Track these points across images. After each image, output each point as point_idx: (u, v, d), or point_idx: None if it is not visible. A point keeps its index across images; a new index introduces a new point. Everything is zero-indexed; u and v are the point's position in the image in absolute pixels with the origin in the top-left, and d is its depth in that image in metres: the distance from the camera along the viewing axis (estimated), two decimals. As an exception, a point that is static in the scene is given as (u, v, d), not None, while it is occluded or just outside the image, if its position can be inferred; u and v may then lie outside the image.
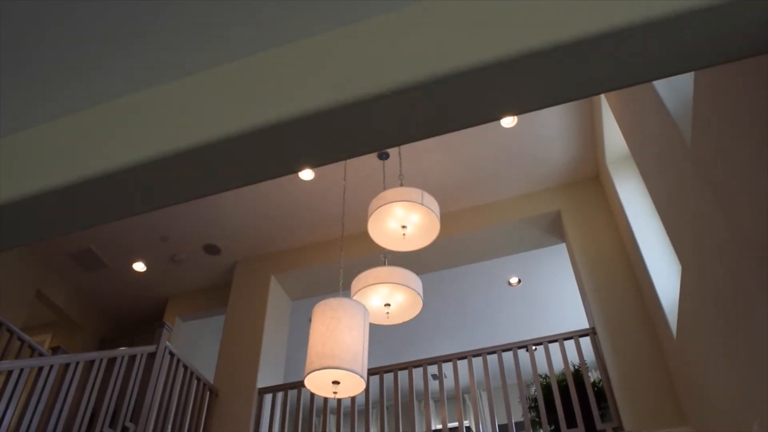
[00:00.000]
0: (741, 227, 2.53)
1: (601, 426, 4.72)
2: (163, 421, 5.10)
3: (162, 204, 1.81)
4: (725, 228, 2.73)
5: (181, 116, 1.70)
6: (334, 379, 3.34)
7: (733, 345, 3.03)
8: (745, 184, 2.36)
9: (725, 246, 2.79)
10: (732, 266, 2.77)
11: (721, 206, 2.73)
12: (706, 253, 3.10)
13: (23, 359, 4.12)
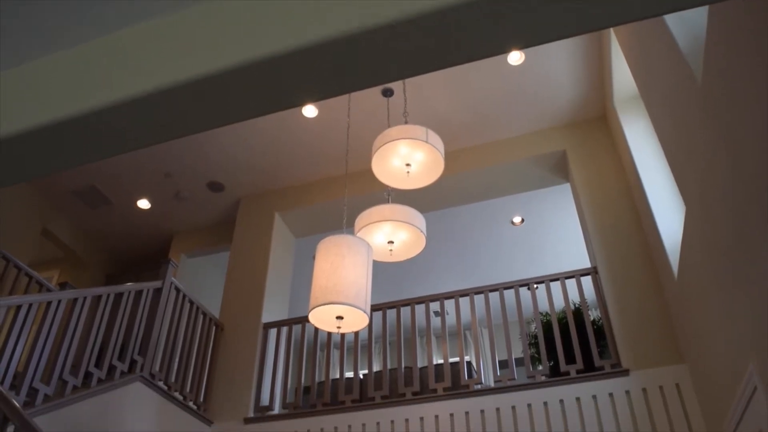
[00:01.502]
0: (747, 170, 2.52)
1: (600, 363, 4.81)
2: (171, 355, 5.22)
3: (166, 137, 1.80)
4: (732, 170, 2.71)
5: (183, 47, 1.67)
6: (338, 315, 3.39)
7: (732, 287, 3.06)
8: (755, 126, 2.33)
9: (731, 188, 2.78)
10: (736, 209, 2.76)
11: (728, 148, 2.70)
12: (712, 194, 3.09)
13: (32, 294, 4.19)
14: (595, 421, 4.55)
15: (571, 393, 4.71)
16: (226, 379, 5.77)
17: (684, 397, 4.44)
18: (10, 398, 3.20)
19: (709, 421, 4.16)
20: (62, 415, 4.02)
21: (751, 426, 3.15)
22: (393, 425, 5.01)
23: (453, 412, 4.92)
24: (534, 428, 4.65)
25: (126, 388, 4.63)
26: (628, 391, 4.59)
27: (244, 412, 5.51)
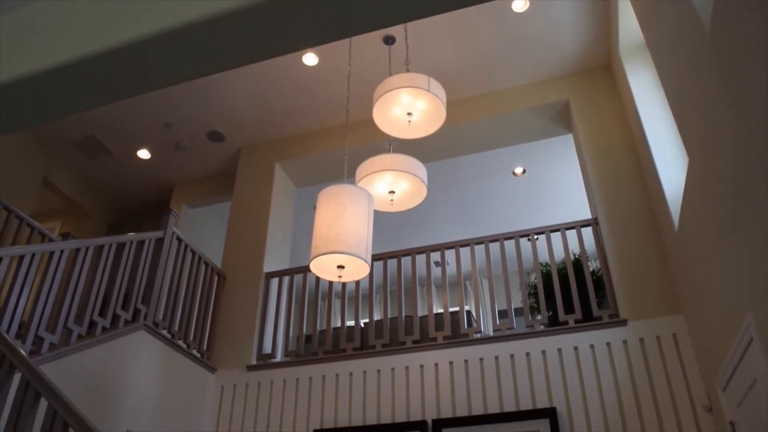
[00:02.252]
0: (752, 120, 2.49)
1: (598, 313, 4.86)
2: (174, 304, 5.27)
3: (166, 82, 1.77)
4: (737, 120, 2.68)
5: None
6: (339, 264, 3.40)
7: (733, 239, 3.06)
8: (761, 75, 2.29)
9: (735, 139, 2.75)
10: (740, 160, 2.74)
11: (734, 97, 2.66)
12: (716, 145, 3.06)
13: (34, 245, 4.20)
14: (593, 369, 4.62)
15: (569, 342, 4.77)
16: (228, 327, 5.85)
17: (680, 347, 4.50)
18: (16, 347, 3.24)
19: (704, 372, 4.22)
20: (68, 363, 4.09)
21: (745, 376, 3.20)
22: (393, 372, 5.09)
23: (452, 360, 4.99)
24: (532, 376, 4.73)
25: (130, 337, 4.70)
26: (625, 341, 4.65)
27: (246, 359, 5.60)
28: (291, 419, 5.17)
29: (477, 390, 4.82)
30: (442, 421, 4.70)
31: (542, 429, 4.47)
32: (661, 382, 4.43)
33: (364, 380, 5.15)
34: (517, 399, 4.69)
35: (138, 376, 4.69)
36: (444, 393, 4.88)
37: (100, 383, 4.33)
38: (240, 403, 5.39)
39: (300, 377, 5.33)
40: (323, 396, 5.19)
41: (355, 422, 4.98)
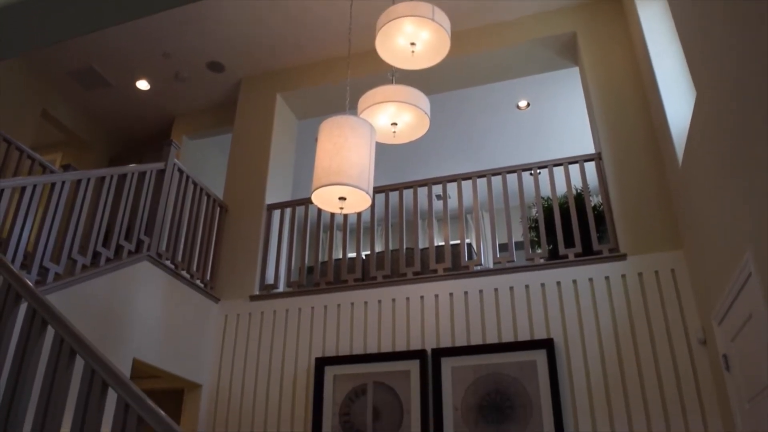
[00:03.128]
0: (764, 55, 2.42)
1: (598, 247, 4.89)
2: (176, 236, 5.30)
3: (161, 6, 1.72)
4: (749, 53, 2.61)
5: None
6: (341, 195, 3.39)
7: (737, 174, 3.04)
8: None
9: (745, 73, 2.69)
10: (748, 95, 2.69)
11: (746, 30, 2.59)
12: (725, 80, 3.00)
13: (35, 176, 4.18)
14: (590, 303, 4.68)
15: (568, 275, 4.82)
16: (231, 258, 5.90)
17: (678, 282, 4.54)
18: (22, 276, 3.27)
19: (700, 306, 4.28)
20: (73, 293, 4.14)
21: (741, 311, 3.24)
22: (394, 303, 5.17)
23: (452, 291, 5.06)
24: (530, 308, 4.80)
25: (134, 267, 4.75)
26: (624, 275, 4.70)
27: (249, 290, 5.67)
28: (293, 348, 5.28)
29: (476, 321, 4.90)
30: (441, 351, 4.80)
31: (539, 359, 4.57)
32: (658, 316, 4.50)
33: (365, 310, 5.23)
34: (516, 330, 4.77)
35: (143, 306, 4.76)
36: (443, 323, 4.97)
37: (105, 313, 4.40)
38: (243, 332, 5.50)
39: (302, 307, 5.42)
40: (325, 325, 5.28)
41: (356, 351, 5.09)
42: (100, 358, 2.91)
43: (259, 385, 5.24)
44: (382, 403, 4.79)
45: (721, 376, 3.86)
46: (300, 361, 5.21)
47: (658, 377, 4.33)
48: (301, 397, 5.08)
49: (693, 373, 4.27)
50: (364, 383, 4.90)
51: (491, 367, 4.65)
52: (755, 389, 3.19)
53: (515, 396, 4.51)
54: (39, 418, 2.92)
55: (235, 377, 5.34)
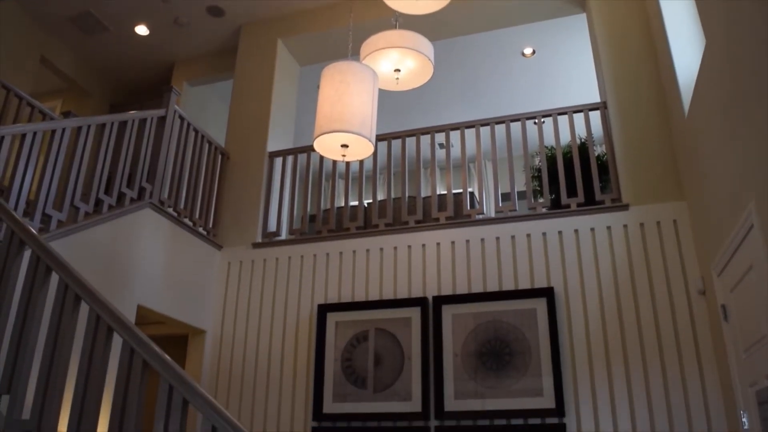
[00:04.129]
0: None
1: (601, 197, 4.88)
2: (178, 183, 5.29)
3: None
4: (762, 1, 2.55)
5: None
6: (343, 143, 3.37)
7: (743, 125, 3.00)
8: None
9: (757, 22, 2.63)
10: (760, 44, 2.63)
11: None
12: (736, 28, 2.93)
13: (36, 123, 4.14)
14: (591, 252, 4.70)
15: (570, 225, 4.82)
16: (233, 206, 5.91)
17: (680, 233, 4.55)
18: (25, 224, 3.28)
19: (701, 257, 4.29)
20: (76, 240, 4.16)
21: (742, 262, 3.25)
22: (395, 251, 5.19)
23: (454, 240, 5.07)
24: (531, 257, 4.82)
25: (136, 214, 4.76)
26: (626, 225, 4.70)
27: (252, 237, 5.70)
28: (296, 295, 5.33)
29: (477, 269, 4.93)
30: (442, 298, 4.85)
31: (539, 308, 4.62)
32: (658, 266, 4.52)
33: (367, 258, 5.26)
34: (516, 278, 4.81)
35: (146, 253, 4.79)
36: (445, 271, 5.00)
37: (109, 260, 4.43)
38: (246, 279, 5.55)
39: (304, 255, 5.45)
40: (327, 273, 5.32)
41: (357, 298, 5.14)
42: (105, 304, 2.94)
43: (262, 332, 5.31)
44: (383, 349, 4.86)
45: (719, 327, 3.90)
46: (302, 308, 5.27)
47: (656, 327, 4.38)
48: (303, 344, 5.16)
49: (691, 323, 4.32)
50: (365, 330, 4.97)
51: (491, 315, 4.70)
52: (752, 339, 3.22)
53: (514, 343, 4.57)
54: (46, 364, 2.97)
55: (238, 323, 5.41)
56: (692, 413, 4.13)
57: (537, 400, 4.39)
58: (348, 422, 4.75)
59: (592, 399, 4.34)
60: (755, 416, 3.30)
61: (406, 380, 4.71)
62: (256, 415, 5.06)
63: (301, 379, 5.05)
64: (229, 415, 2.67)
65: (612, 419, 4.26)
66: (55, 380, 2.92)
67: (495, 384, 4.52)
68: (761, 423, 3.19)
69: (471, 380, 4.57)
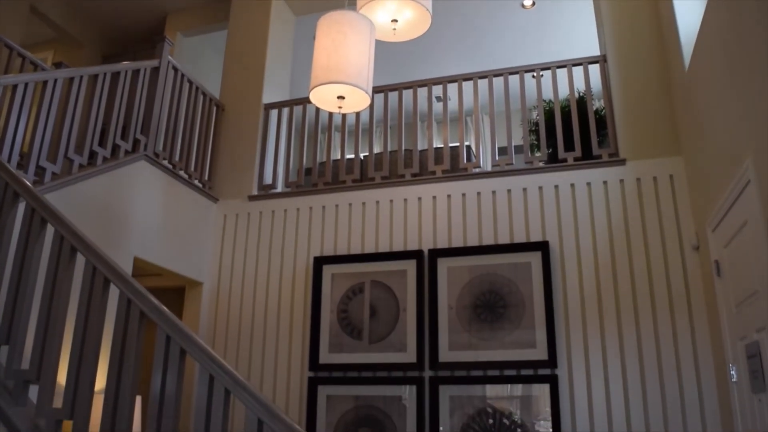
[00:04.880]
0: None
1: (598, 151, 4.86)
2: (173, 135, 5.25)
3: None
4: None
5: None
6: (339, 94, 3.33)
7: (743, 80, 2.97)
8: None
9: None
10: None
11: None
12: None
13: (27, 74, 4.07)
14: (587, 207, 4.71)
15: (566, 179, 4.82)
16: (229, 158, 5.88)
17: (676, 188, 4.55)
18: (19, 176, 3.26)
19: (696, 213, 4.30)
20: (71, 192, 4.14)
21: (737, 218, 3.26)
22: (392, 204, 5.19)
23: (450, 193, 5.07)
24: (527, 211, 4.83)
25: (131, 167, 4.73)
26: (622, 180, 4.69)
27: (247, 190, 5.68)
28: (292, 247, 5.35)
29: (473, 223, 4.94)
30: (437, 251, 4.87)
31: (534, 261, 4.65)
32: (653, 222, 4.53)
33: (363, 211, 5.26)
34: (512, 232, 4.82)
35: (142, 206, 4.78)
36: (441, 225, 5.02)
37: (104, 212, 4.42)
38: (242, 232, 5.56)
39: (300, 207, 5.45)
40: (323, 225, 5.33)
41: (353, 250, 5.16)
42: (101, 255, 2.94)
43: (259, 283, 5.35)
44: (378, 301, 4.91)
45: (711, 282, 3.94)
46: (299, 261, 5.30)
47: (649, 282, 4.42)
48: (300, 296, 5.20)
49: (684, 278, 4.36)
50: (361, 282, 5.00)
51: (486, 268, 4.73)
52: (744, 294, 3.26)
53: (509, 296, 4.62)
54: (43, 315, 2.99)
55: (235, 276, 5.44)
56: (682, 366, 4.20)
57: (530, 351, 4.46)
58: (344, 372, 4.82)
59: (584, 351, 4.41)
60: (743, 369, 3.36)
61: (401, 331, 4.77)
62: (254, 365, 5.14)
63: (297, 330, 5.11)
64: (226, 364, 2.71)
65: (603, 371, 4.33)
66: (53, 331, 2.95)
67: (489, 336, 4.58)
68: (749, 375, 3.25)
69: (465, 332, 4.63)
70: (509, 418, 4.39)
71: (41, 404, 2.84)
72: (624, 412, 4.23)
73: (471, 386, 4.52)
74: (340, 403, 4.77)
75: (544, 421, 4.31)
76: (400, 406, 4.61)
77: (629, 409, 4.23)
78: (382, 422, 4.63)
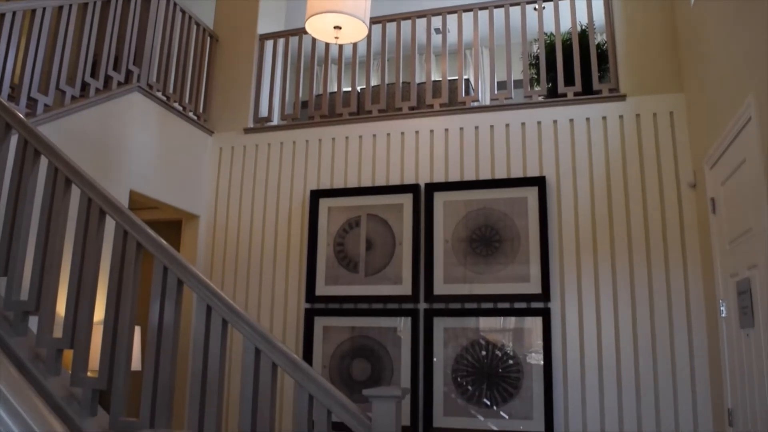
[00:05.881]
0: None
1: (598, 87, 4.79)
2: (166, 66, 5.15)
3: None
4: None
5: None
6: (336, 24, 3.26)
7: (748, 16, 2.90)
8: None
9: None
10: None
11: None
12: None
13: (14, 1, 3.95)
14: (585, 142, 4.68)
15: (565, 114, 4.77)
16: (224, 90, 5.79)
17: (675, 125, 4.51)
18: (11, 107, 3.21)
19: (694, 150, 4.28)
20: (64, 124, 4.09)
21: (735, 155, 3.25)
22: (389, 138, 5.16)
23: (448, 127, 5.03)
24: (525, 146, 4.81)
25: (124, 98, 4.66)
26: (621, 116, 4.65)
27: (243, 122, 5.63)
28: (288, 180, 5.34)
29: (470, 157, 4.92)
30: (434, 185, 4.87)
31: (530, 196, 4.65)
32: (651, 158, 4.52)
33: (360, 144, 5.23)
34: (509, 167, 4.81)
35: (136, 138, 4.74)
36: (437, 159, 5.00)
37: (98, 145, 4.38)
38: (238, 165, 5.53)
39: (296, 140, 5.41)
40: (319, 159, 5.31)
41: (350, 184, 5.16)
42: (96, 187, 2.94)
43: (255, 217, 5.36)
44: (375, 234, 4.94)
45: (706, 220, 3.95)
46: (295, 194, 5.30)
47: (645, 218, 4.44)
48: (296, 229, 5.22)
49: (679, 215, 4.37)
50: (357, 215, 5.02)
51: (483, 203, 4.74)
52: (738, 231, 3.28)
53: (504, 230, 4.65)
54: (40, 247, 3.01)
55: (231, 209, 5.45)
56: (673, 302, 4.27)
57: (524, 285, 4.52)
58: (340, 304, 4.89)
59: (577, 286, 4.47)
60: (733, 305, 3.42)
61: (397, 264, 4.82)
62: (251, 297, 5.21)
63: (294, 262, 5.16)
64: (223, 294, 2.74)
65: (595, 306, 4.40)
66: (51, 262, 2.97)
67: (483, 269, 4.63)
68: (738, 311, 3.31)
69: (460, 265, 4.68)
70: (502, 349, 4.48)
71: (41, 334, 2.89)
72: (614, 346, 4.32)
73: (465, 318, 4.60)
74: (336, 334, 4.86)
75: (536, 353, 4.41)
76: (395, 337, 4.71)
77: (619, 344, 4.32)
78: (377, 353, 4.73)
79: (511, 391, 4.41)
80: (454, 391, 4.51)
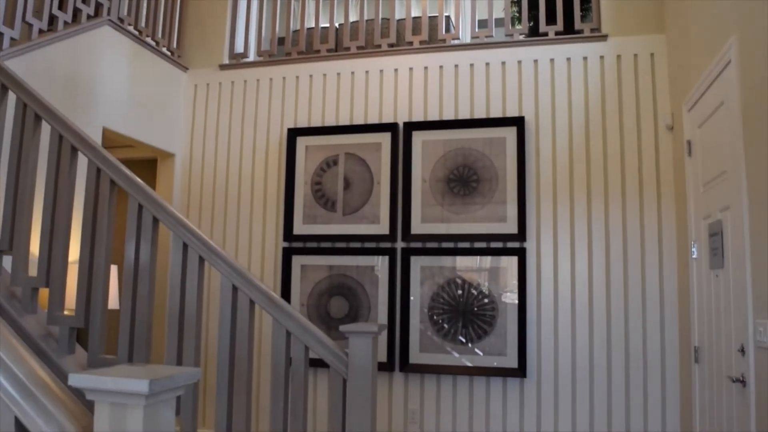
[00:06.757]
0: None
1: (580, 26, 4.73)
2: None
3: None
4: None
5: None
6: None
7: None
8: None
9: None
10: None
11: None
12: None
13: None
14: (565, 83, 4.65)
15: (546, 54, 4.72)
16: (198, 25, 5.62)
17: (656, 67, 4.49)
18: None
19: (673, 93, 4.28)
20: (32, 59, 3.96)
21: (713, 98, 3.25)
22: (367, 75, 5.08)
23: (427, 65, 4.96)
24: (505, 86, 4.77)
25: (95, 32, 4.50)
26: (602, 57, 4.61)
27: (218, 58, 5.49)
28: (265, 118, 5.26)
29: (449, 96, 4.88)
30: (412, 124, 4.83)
31: (509, 137, 4.64)
32: (630, 100, 4.51)
33: (338, 82, 5.15)
34: (488, 107, 4.78)
35: (108, 74, 4.61)
36: (417, 97, 4.94)
37: (69, 82, 4.26)
38: (214, 102, 5.43)
39: (273, 77, 5.31)
40: (297, 96, 5.23)
41: (328, 122, 5.10)
42: (67, 123, 2.87)
43: (232, 155, 5.30)
44: (352, 173, 4.92)
45: (682, 163, 3.98)
46: (272, 132, 5.23)
47: (621, 160, 4.47)
48: (273, 167, 5.18)
49: (656, 157, 4.40)
50: (335, 154, 4.98)
51: (461, 142, 4.73)
52: (712, 174, 3.32)
53: (482, 170, 4.65)
54: (11, 185, 2.95)
55: (207, 147, 5.37)
56: (646, 242, 4.35)
57: (500, 225, 4.56)
58: (318, 242, 4.91)
59: (553, 226, 4.52)
60: (705, 247, 3.48)
61: (374, 204, 4.83)
62: (228, 236, 5.20)
63: (271, 201, 5.13)
64: (200, 232, 2.73)
65: (570, 246, 4.47)
66: (22, 200, 2.92)
67: (461, 209, 4.65)
68: (709, 252, 3.38)
69: (438, 205, 4.70)
70: (477, 288, 4.55)
71: (16, 272, 2.87)
72: (587, 285, 4.41)
73: (442, 257, 4.65)
74: (314, 272, 4.89)
75: (511, 292, 4.49)
76: (373, 276, 4.75)
77: (592, 283, 4.41)
78: (354, 291, 4.78)
79: (485, 329, 4.50)
80: (430, 329, 4.60)
